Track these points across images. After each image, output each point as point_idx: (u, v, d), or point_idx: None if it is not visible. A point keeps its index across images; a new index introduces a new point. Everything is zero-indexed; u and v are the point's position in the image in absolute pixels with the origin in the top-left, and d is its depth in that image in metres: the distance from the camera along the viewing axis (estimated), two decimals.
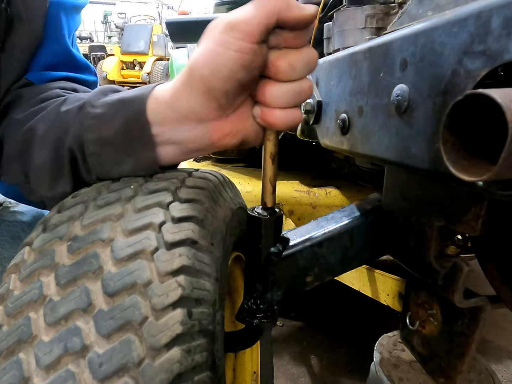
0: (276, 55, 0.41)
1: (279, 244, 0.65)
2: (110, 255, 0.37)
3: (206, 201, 0.47)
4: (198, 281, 0.39)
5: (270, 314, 0.65)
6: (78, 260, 0.37)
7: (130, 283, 0.35)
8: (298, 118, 0.46)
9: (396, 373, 0.66)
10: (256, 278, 0.64)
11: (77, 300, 0.35)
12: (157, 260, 0.37)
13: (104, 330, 0.33)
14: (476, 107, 0.29)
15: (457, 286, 0.48)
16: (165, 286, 0.36)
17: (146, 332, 0.33)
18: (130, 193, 0.44)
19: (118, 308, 0.34)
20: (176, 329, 0.34)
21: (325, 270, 0.69)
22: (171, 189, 0.45)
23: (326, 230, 0.68)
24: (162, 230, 0.39)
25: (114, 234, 0.39)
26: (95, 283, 0.36)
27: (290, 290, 0.68)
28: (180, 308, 0.35)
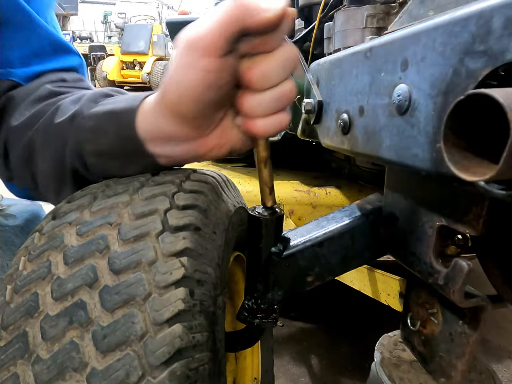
0: (247, 64, 0.38)
1: (280, 244, 0.65)
2: (117, 237, 0.39)
3: (210, 193, 0.49)
4: (200, 264, 0.40)
5: (270, 314, 0.65)
6: (87, 241, 0.39)
7: (136, 261, 0.37)
8: (283, 123, 0.44)
9: (397, 373, 0.66)
10: (257, 278, 0.64)
11: (84, 276, 0.36)
12: (162, 242, 0.39)
13: (109, 305, 0.34)
14: (477, 107, 0.29)
15: (458, 285, 0.48)
16: (168, 265, 0.37)
17: (149, 307, 0.34)
18: (138, 185, 0.46)
19: (123, 284, 0.35)
20: (178, 305, 0.36)
21: (326, 270, 0.69)
22: (176, 182, 0.47)
23: (327, 230, 0.68)
24: (167, 215, 0.41)
25: (121, 219, 0.41)
26: (102, 261, 0.37)
27: (291, 290, 0.68)
28: (183, 287, 0.37)
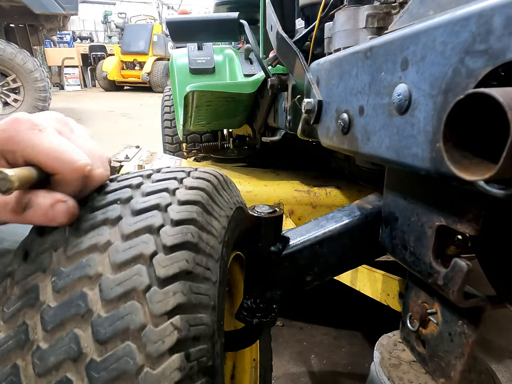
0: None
1: (279, 243, 0.65)
2: (99, 295, 0.35)
3: (200, 217, 0.43)
4: (194, 317, 0.37)
5: (269, 313, 0.65)
6: (65, 300, 0.35)
7: (122, 329, 0.33)
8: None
9: (396, 373, 0.66)
10: (256, 277, 0.64)
11: (66, 349, 0.32)
12: (150, 301, 0.34)
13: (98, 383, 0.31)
14: (477, 106, 0.29)
15: (458, 286, 0.48)
16: (160, 331, 0.33)
17: (142, 382, 0.31)
18: (116, 214, 0.41)
19: (111, 358, 0.32)
20: (175, 377, 0.32)
21: (325, 270, 0.69)
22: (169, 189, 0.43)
23: (326, 229, 0.68)
24: (153, 262, 0.37)
25: (102, 267, 0.37)
26: (85, 326, 0.33)
27: (290, 289, 0.68)
28: (177, 353, 0.33)
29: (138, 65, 11.29)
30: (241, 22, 1.22)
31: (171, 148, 2.47)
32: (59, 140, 0.38)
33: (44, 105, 6.03)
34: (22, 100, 5.95)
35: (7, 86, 5.88)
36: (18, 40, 6.16)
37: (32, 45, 6.48)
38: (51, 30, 6.63)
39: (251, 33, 1.19)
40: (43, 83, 5.98)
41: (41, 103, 6.01)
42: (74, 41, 14.48)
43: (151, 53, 11.29)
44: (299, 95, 0.88)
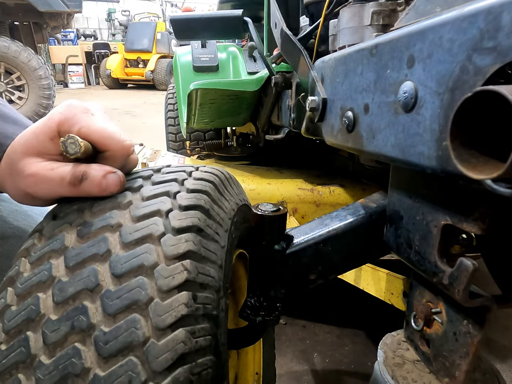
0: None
1: (283, 242, 0.65)
2: (118, 239, 0.39)
3: (212, 192, 0.49)
4: (203, 266, 0.40)
5: (273, 312, 0.65)
6: (88, 243, 0.39)
7: (137, 265, 0.37)
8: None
9: (400, 373, 0.66)
10: (260, 276, 0.64)
11: (85, 280, 0.36)
12: (164, 245, 0.38)
13: (111, 310, 0.34)
14: (485, 104, 0.28)
15: (463, 285, 0.47)
16: (171, 269, 0.37)
17: (151, 312, 0.34)
18: (138, 184, 0.47)
19: (125, 289, 0.35)
20: (181, 310, 0.35)
21: (329, 268, 0.69)
22: (178, 180, 0.47)
23: (330, 228, 0.68)
24: (169, 217, 0.41)
25: (123, 219, 0.41)
26: (103, 265, 0.37)
27: (294, 288, 0.68)
28: (186, 291, 0.37)
29: (142, 63, 11.30)
30: (245, 19, 1.22)
31: (175, 146, 2.48)
32: (109, 123, 0.45)
33: (48, 102, 6.06)
34: (27, 97, 5.97)
35: (11, 83, 5.91)
36: (22, 38, 6.18)
37: (37, 43, 6.50)
38: (55, 28, 6.64)
39: (255, 30, 1.19)
40: (47, 81, 6.00)
41: (45, 100, 6.03)
42: (78, 39, 14.51)
43: (154, 51, 11.29)
44: (303, 93, 0.87)
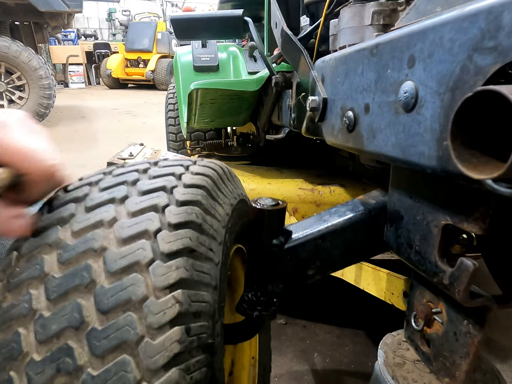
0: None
1: (282, 236, 0.64)
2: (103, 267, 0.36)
3: (205, 201, 0.44)
4: (196, 293, 0.37)
5: (270, 307, 0.65)
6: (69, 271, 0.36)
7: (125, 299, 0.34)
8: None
9: (400, 373, 0.66)
10: (258, 270, 0.64)
11: (69, 317, 0.33)
12: (153, 275, 0.35)
13: (98, 351, 0.31)
14: (486, 104, 0.28)
15: (463, 285, 0.47)
16: (162, 303, 0.34)
17: (142, 352, 0.32)
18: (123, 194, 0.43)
19: (112, 327, 0.33)
20: (174, 348, 0.33)
21: (327, 264, 0.68)
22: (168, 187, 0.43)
23: (329, 224, 0.67)
24: (158, 238, 0.38)
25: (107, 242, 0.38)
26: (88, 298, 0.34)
27: (291, 283, 0.68)
28: (178, 326, 0.34)
29: (142, 63, 11.30)
30: (246, 19, 1.22)
31: (175, 145, 2.48)
32: (31, 139, 0.37)
33: (48, 102, 6.06)
34: (27, 97, 5.97)
35: (12, 83, 5.91)
36: (23, 37, 6.18)
37: (37, 42, 6.50)
38: (55, 28, 6.64)
39: (256, 30, 1.19)
40: (47, 81, 6.00)
41: (46, 100, 6.03)
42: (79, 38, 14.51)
43: (155, 50, 11.29)
44: (304, 92, 0.87)
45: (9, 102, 5.96)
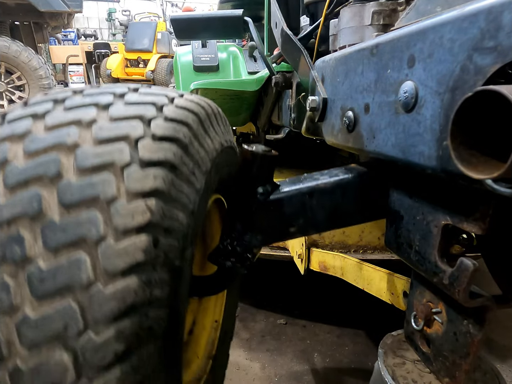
0: None
1: (269, 186, 0.62)
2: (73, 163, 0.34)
3: (194, 125, 0.42)
4: (170, 209, 0.35)
5: (244, 259, 0.62)
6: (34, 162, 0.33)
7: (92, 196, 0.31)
8: None
9: (400, 372, 0.66)
10: (238, 217, 0.61)
11: (25, 206, 0.31)
12: (127, 178, 0.33)
13: (52, 244, 0.30)
14: (486, 104, 0.28)
15: (463, 285, 0.47)
16: (132, 207, 0.32)
17: (101, 253, 0.30)
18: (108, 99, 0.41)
19: (72, 222, 0.30)
20: (138, 256, 0.31)
21: (310, 223, 0.67)
22: (157, 105, 0.41)
23: (320, 182, 0.66)
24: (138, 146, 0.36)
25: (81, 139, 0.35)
26: (50, 190, 0.32)
27: (270, 236, 0.66)
28: (145, 234, 0.32)
29: (142, 63, 11.29)
30: (246, 19, 1.22)
31: None
32: None
33: None
34: (27, 97, 5.97)
35: (12, 83, 5.91)
36: (23, 37, 6.18)
37: (37, 42, 6.50)
38: (55, 28, 6.65)
39: (256, 30, 1.19)
40: (47, 81, 6.00)
41: None
42: (79, 38, 14.51)
43: (155, 50, 11.29)
44: (304, 92, 0.87)
45: (9, 102, 5.96)
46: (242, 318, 1.55)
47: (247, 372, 1.28)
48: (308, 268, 1.23)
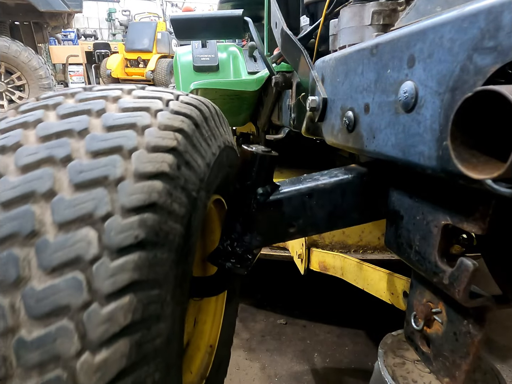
0: None
1: (268, 186, 0.62)
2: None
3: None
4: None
5: (244, 260, 0.62)
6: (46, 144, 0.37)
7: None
8: None
9: (400, 372, 0.66)
10: (238, 217, 0.62)
11: (37, 182, 0.34)
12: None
13: (61, 218, 0.33)
14: (485, 104, 0.28)
15: (463, 285, 0.47)
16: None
17: (107, 229, 0.33)
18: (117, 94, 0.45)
19: (80, 199, 0.34)
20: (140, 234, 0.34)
21: (310, 224, 0.67)
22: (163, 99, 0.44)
23: (319, 182, 0.66)
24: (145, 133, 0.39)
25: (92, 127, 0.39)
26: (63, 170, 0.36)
27: (270, 237, 0.66)
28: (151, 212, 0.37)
29: (142, 63, 11.29)
30: (246, 19, 1.22)
31: None
32: None
33: None
34: (27, 97, 5.97)
35: (12, 83, 5.91)
36: (23, 37, 6.18)
37: (37, 42, 6.50)
38: (55, 28, 6.65)
39: (256, 30, 1.19)
40: (47, 81, 6.01)
41: None
42: (79, 38, 14.51)
43: (155, 50, 11.29)
44: (304, 92, 0.87)
45: (9, 102, 5.96)
46: (242, 318, 1.55)
47: (247, 372, 1.28)
48: (308, 268, 1.23)
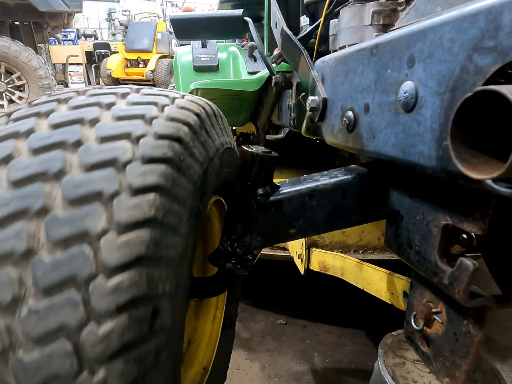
0: None
1: (269, 187, 0.63)
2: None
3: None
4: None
5: (245, 260, 0.62)
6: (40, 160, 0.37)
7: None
8: None
9: (400, 372, 0.66)
10: (238, 218, 0.62)
11: (30, 201, 0.34)
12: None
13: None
14: (485, 104, 0.28)
15: (463, 285, 0.47)
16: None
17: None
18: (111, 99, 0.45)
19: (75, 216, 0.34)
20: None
21: (310, 224, 0.67)
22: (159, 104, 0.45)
23: (320, 183, 0.66)
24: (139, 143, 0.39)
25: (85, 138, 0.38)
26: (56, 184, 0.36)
27: (271, 238, 0.66)
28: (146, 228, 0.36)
29: (142, 63, 11.29)
30: (245, 19, 1.22)
31: None
32: None
33: None
34: (27, 97, 5.97)
35: (12, 83, 5.91)
36: (23, 37, 6.18)
37: (37, 42, 6.50)
38: (55, 28, 6.65)
39: (256, 30, 1.19)
40: (47, 81, 6.01)
41: None
42: (79, 38, 14.50)
43: (155, 50, 11.29)
44: (304, 92, 0.87)
45: (9, 102, 5.96)
46: (242, 318, 1.55)
47: (247, 372, 1.28)
48: (308, 268, 1.23)
